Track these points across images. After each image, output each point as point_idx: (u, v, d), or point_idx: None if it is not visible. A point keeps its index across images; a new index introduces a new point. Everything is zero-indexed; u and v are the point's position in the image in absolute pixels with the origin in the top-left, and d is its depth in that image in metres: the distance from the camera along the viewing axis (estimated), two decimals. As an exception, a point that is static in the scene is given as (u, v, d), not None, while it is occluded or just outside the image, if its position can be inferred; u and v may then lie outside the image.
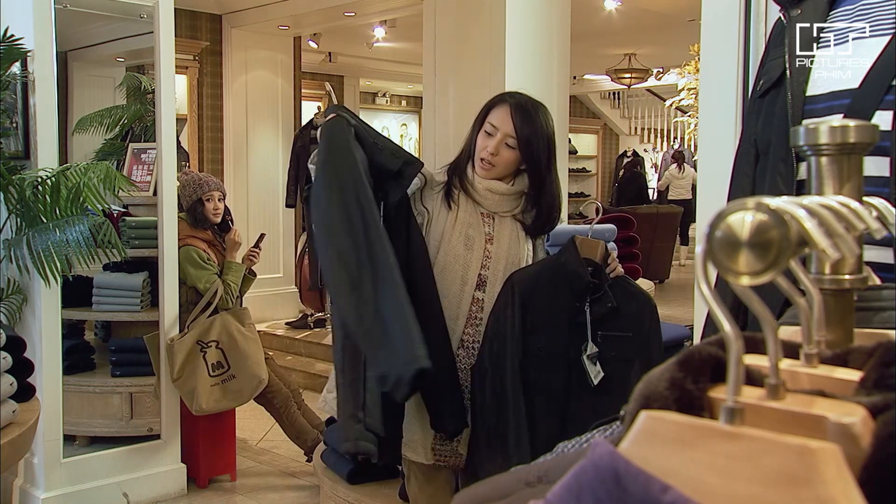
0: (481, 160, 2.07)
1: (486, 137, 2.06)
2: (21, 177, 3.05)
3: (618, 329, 2.03)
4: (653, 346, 2.07)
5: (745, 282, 0.45)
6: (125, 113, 4.28)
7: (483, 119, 2.08)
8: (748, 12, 2.17)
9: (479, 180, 2.09)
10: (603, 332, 2.02)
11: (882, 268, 1.13)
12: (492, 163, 2.06)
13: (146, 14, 3.61)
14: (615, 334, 2.02)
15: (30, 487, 3.30)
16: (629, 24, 8.52)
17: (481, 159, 2.07)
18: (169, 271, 3.60)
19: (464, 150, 2.13)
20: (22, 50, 3.09)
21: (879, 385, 0.51)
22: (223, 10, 6.92)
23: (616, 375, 2.00)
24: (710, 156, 2.33)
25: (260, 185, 7.00)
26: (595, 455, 0.43)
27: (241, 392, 3.65)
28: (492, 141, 2.05)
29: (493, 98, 2.11)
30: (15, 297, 3.19)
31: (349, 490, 2.56)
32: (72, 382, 3.55)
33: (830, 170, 0.62)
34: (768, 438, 0.42)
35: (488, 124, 2.06)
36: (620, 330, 2.03)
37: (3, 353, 1.96)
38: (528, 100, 2.08)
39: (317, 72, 10.53)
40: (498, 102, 2.08)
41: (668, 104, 10.13)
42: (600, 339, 2.02)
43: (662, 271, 9.71)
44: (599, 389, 1.99)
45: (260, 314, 6.27)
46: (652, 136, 14.83)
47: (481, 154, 2.06)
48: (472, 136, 2.10)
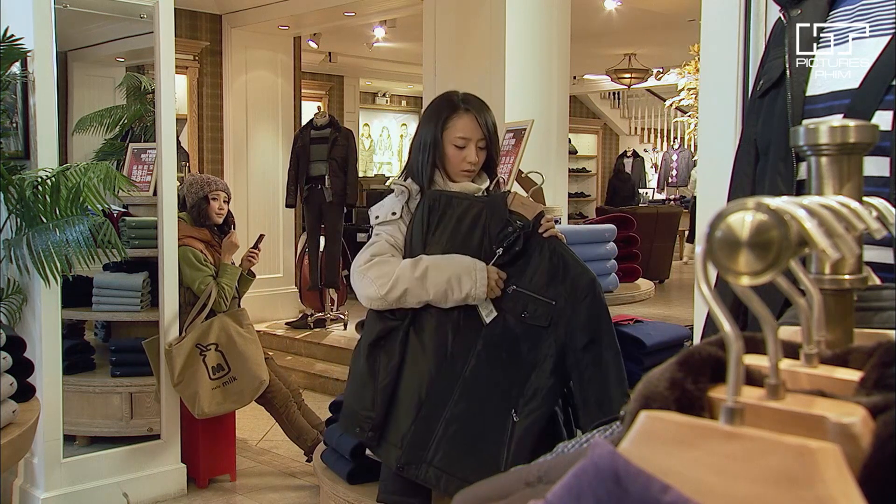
0: (463, 171, 2.12)
1: (458, 151, 2.10)
2: (21, 177, 3.05)
3: (537, 291, 2.00)
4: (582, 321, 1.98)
5: (745, 282, 0.45)
6: (125, 113, 4.28)
7: (441, 133, 2.10)
8: (748, 12, 2.17)
9: (452, 185, 2.13)
10: (518, 288, 2.01)
11: (882, 268, 1.13)
12: (473, 169, 2.14)
13: (146, 14, 3.61)
14: (531, 294, 2.00)
15: (30, 487, 3.30)
16: (629, 24, 8.52)
17: (463, 170, 2.12)
18: (169, 271, 3.60)
19: (425, 164, 2.12)
20: (22, 50, 3.09)
21: (879, 385, 0.51)
22: (223, 10, 6.92)
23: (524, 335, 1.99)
24: (710, 156, 2.33)
25: (260, 185, 7.01)
26: (595, 455, 0.43)
27: (243, 394, 3.65)
28: (468, 151, 2.10)
29: (442, 108, 2.13)
30: (15, 297, 3.19)
31: (349, 490, 2.56)
32: (72, 382, 3.55)
33: (830, 170, 0.62)
34: (768, 438, 0.42)
35: (457, 139, 2.09)
36: (540, 293, 2.00)
37: (3, 353, 1.96)
38: (472, 97, 2.16)
39: (317, 72, 10.54)
40: (453, 113, 2.11)
41: (668, 104, 10.14)
42: (510, 292, 2.01)
43: (662, 271, 9.71)
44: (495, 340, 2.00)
45: (260, 314, 6.27)
46: (652, 136, 14.82)
47: (463, 166, 2.11)
48: (434, 149, 2.11)
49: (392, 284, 1.99)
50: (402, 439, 2.02)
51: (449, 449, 1.97)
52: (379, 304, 2.03)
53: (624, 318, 2.70)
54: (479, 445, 1.97)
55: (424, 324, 2.04)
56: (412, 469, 1.99)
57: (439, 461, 1.96)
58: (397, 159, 13.70)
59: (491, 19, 4.23)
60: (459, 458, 1.95)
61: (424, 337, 2.03)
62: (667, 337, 2.65)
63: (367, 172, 12.29)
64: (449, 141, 2.10)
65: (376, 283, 2.01)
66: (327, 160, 6.19)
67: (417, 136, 2.17)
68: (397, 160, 13.68)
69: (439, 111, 2.13)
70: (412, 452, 1.99)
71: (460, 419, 1.98)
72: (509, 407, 1.97)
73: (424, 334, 2.03)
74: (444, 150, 2.11)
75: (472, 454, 1.95)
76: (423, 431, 1.99)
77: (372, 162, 13.26)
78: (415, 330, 2.04)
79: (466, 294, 1.98)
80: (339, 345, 5.96)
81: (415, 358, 2.03)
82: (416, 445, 1.99)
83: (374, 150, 13.39)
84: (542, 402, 1.97)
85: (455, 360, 2.01)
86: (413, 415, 2.01)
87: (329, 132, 6.27)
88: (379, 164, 13.43)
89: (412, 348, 2.04)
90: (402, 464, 1.99)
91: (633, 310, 3.03)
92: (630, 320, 2.72)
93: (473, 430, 1.98)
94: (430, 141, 2.11)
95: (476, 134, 2.09)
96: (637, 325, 2.68)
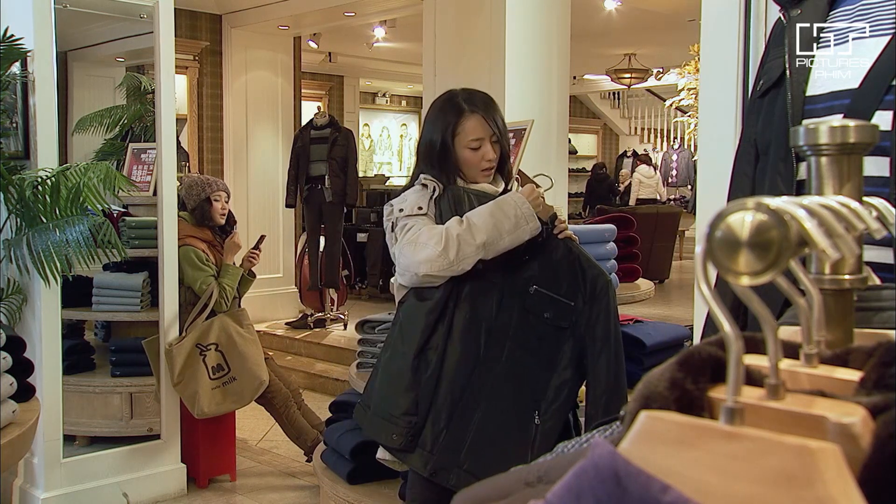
0: (483, 171, 2.09)
1: (473, 153, 2.07)
2: (21, 177, 3.05)
3: (557, 292, 1.99)
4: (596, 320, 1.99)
5: (745, 282, 0.45)
6: (125, 113, 4.28)
7: (452, 139, 2.07)
8: (748, 12, 2.17)
9: (473, 187, 2.10)
10: (540, 289, 2.00)
11: (882, 268, 1.13)
12: (492, 166, 2.11)
13: (146, 14, 3.61)
14: (552, 295, 1.99)
15: (30, 487, 3.30)
16: (629, 24, 8.53)
17: (483, 170, 2.09)
18: (169, 271, 3.60)
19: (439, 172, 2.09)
20: (22, 50, 3.09)
21: (879, 385, 0.51)
22: (223, 10, 6.92)
23: (546, 336, 1.98)
24: (710, 156, 2.33)
25: (260, 185, 7.01)
26: (595, 455, 0.43)
27: (243, 394, 3.65)
28: (484, 149, 2.07)
29: (447, 113, 2.09)
30: (15, 297, 3.19)
31: (349, 490, 2.56)
32: (72, 382, 3.55)
33: (830, 170, 0.62)
34: (768, 438, 0.42)
35: (471, 142, 2.06)
36: (560, 294, 1.99)
37: (3, 353, 1.96)
38: (476, 95, 2.12)
39: (317, 72, 10.55)
40: (459, 118, 2.07)
41: (668, 104, 10.14)
42: (532, 292, 2.00)
43: (662, 271, 9.71)
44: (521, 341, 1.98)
45: (260, 314, 6.27)
46: (652, 136, 14.83)
47: (482, 166, 2.08)
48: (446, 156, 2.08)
49: (446, 240, 1.94)
50: (433, 444, 1.96)
51: (480, 453, 1.93)
52: (439, 266, 1.95)
53: (624, 318, 2.70)
54: (506, 448, 1.94)
55: (456, 325, 1.98)
56: (443, 474, 1.93)
57: (471, 465, 1.92)
58: (397, 159, 13.71)
59: (491, 19, 4.23)
60: (489, 462, 1.90)
61: (457, 339, 1.98)
62: (667, 337, 2.65)
63: (367, 172, 12.30)
64: (463, 146, 2.06)
65: (430, 242, 1.95)
66: (327, 160, 6.19)
67: (426, 142, 2.12)
68: (397, 160, 13.68)
69: (445, 117, 2.08)
70: (445, 457, 1.94)
71: (490, 422, 1.95)
72: (533, 409, 1.96)
73: (457, 336, 1.98)
74: (458, 155, 2.07)
75: (500, 457, 1.90)
76: (456, 436, 1.95)
77: (372, 162, 13.27)
78: (448, 333, 1.99)
79: (515, 218, 1.95)
80: (339, 345, 5.96)
81: (450, 362, 1.98)
82: (449, 450, 1.94)
83: (374, 150, 13.40)
84: (562, 404, 1.97)
85: (487, 362, 1.98)
86: (445, 419, 1.96)
87: (329, 132, 6.27)
88: (379, 164, 13.44)
89: (450, 352, 1.98)
90: (435, 469, 1.94)
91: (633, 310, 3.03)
92: (630, 320, 2.72)
93: (501, 433, 1.96)
94: (440, 149, 2.07)
95: (487, 132, 2.07)
96: (637, 325, 2.69)
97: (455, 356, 1.97)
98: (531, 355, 1.99)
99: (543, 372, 1.99)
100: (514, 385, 1.97)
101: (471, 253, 1.95)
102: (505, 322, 1.99)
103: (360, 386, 2.43)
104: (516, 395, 1.98)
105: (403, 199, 2.08)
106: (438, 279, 1.97)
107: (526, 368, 1.98)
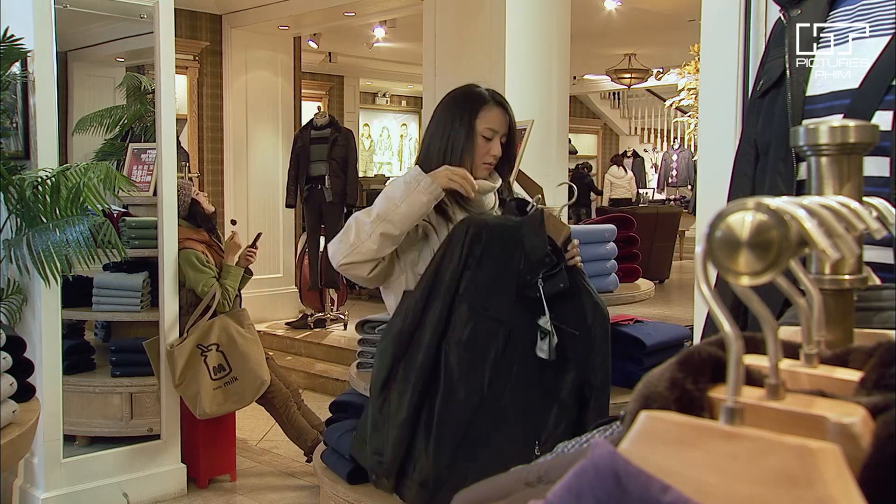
0: (485, 164, 2.08)
1: (484, 142, 2.07)
2: (21, 177, 3.05)
3: (566, 323, 1.92)
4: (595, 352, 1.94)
5: (745, 282, 0.45)
6: (125, 113, 4.28)
7: (471, 124, 2.06)
8: (748, 12, 2.17)
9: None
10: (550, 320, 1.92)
11: (882, 268, 1.13)
12: (494, 163, 2.10)
13: (146, 14, 3.61)
14: (562, 326, 1.92)
15: (30, 487, 3.30)
16: (629, 24, 8.53)
17: (485, 163, 2.08)
18: (169, 271, 3.60)
19: (446, 156, 2.06)
20: (22, 50, 3.09)
21: (879, 385, 0.51)
22: (223, 10, 6.92)
23: (550, 366, 1.91)
24: (710, 156, 2.33)
25: (260, 185, 7.01)
26: (595, 455, 0.43)
27: (244, 394, 3.65)
28: (493, 144, 2.07)
29: (472, 99, 2.09)
30: (15, 297, 3.19)
31: (349, 490, 2.55)
32: (72, 382, 3.55)
33: (830, 170, 0.62)
34: (768, 438, 0.42)
35: (486, 129, 2.06)
36: (568, 325, 1.93)
37: (3, 353, 1.96)
38: (497, 93, 2.14)
39: (317, 72, 10.54)
40: (483, 105, 2.07)
41: (668, 104, 10.15)
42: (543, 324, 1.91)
43: (662, 271, 9.71)
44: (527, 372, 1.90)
45: (260, 314, 6.27)
46: (652, 136, 14.84)
47: (486, 159, 2.07)
48: (461, 142, 2.05)
49: (347, 227, 1.97)
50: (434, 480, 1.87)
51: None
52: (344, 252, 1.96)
53: (624, 318, 2.69)
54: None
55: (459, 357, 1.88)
56: None
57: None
58: (397, 159, 13.71)
59: (491, 19, 4.23)
60: None
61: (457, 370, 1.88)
62: (667, 337, 2.65)
63: (367, 172, 12.30)
64: (478, 132, 2.06)
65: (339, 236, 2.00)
66: (327, 160, 6.19)
67: (443, 126, 2.09)
68: (397, 160, 13.68)
69: (469, 102, 2.08)
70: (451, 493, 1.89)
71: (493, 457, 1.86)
72: (533, 440, 1.91)
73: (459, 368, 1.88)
74: (473, 143, 2.07)
75: None
76: (461, 471, 1.86)
77: (372, 162, 13.27)
78: (446, 366, 1.89)
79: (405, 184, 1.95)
80: (339, 345, 5.96)
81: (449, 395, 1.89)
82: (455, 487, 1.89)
83: (374, 150, 13.40)
84: (561, 434, 1.89)
85: (494, 398, 1.90)
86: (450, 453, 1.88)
87: (329, 132, 6.27)
88: (379, 164, 13.44)
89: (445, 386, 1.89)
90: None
91: (633, 310, 3.02)
92: (630, 320, 2.71)
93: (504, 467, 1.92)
94: (463, 132, 2.05)
95: (503, 128, 2.08)
96: (637, 325, 2.68)
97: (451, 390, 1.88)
98: (535, 386, 1.93)
99: (547, 403, 1.93)
100: (517, 417, 1.91)
101: (368, 230, 1.94)
102: (510, 353, 1.91)
103: (360, 386, 2.43)
104: (518, 428, 1.91)
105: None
106: (358, 266, 1.97)
107: (529, 399, 1.92)
